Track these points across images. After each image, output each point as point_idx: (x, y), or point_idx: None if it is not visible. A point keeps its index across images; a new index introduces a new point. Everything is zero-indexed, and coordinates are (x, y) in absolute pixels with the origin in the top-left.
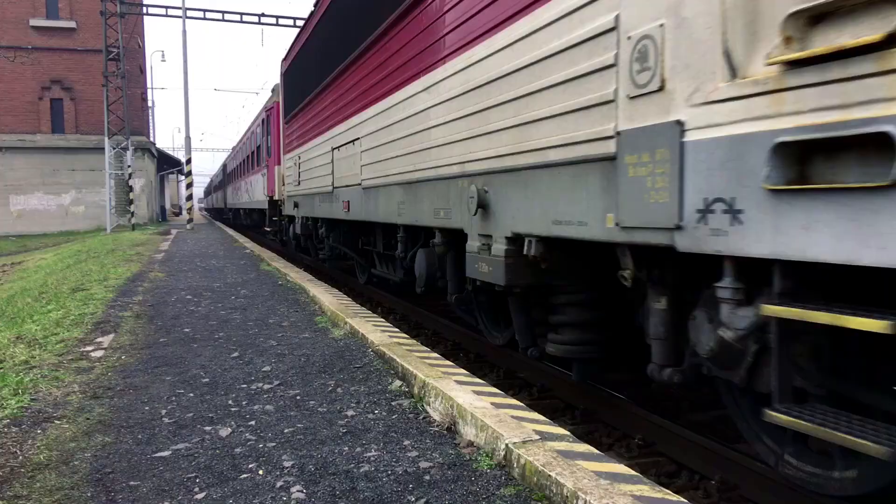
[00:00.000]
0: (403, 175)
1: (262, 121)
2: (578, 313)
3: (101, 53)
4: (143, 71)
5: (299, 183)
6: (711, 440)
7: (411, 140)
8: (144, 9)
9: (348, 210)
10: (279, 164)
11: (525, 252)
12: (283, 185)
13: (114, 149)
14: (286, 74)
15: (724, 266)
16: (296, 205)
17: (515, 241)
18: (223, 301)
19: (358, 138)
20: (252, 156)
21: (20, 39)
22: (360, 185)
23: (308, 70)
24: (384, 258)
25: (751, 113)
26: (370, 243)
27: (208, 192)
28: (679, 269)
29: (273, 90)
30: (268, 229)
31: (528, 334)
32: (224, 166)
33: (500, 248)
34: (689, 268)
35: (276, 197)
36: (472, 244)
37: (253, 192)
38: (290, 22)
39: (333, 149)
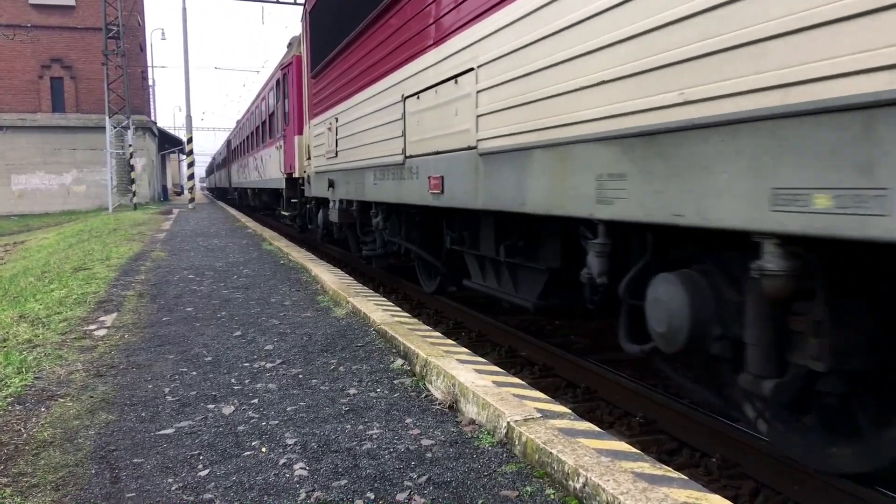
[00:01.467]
0: (623, 119)
1: (277, 82)
2: None
3: (101, 31)
4: (143, 49)
5: (336, 154)
6: (712, 418)
7: (665, 38)
8: None
9: (441, 191)
10: (300, 133)
11: None
12: (309, 158)
13: (115, 128)
14: (314, 13)
15: None
16: (331, 184)
17: None
18: (225, 280)
19: (470, 70)
20: (263, 127)
21: (19, 17)
22: (472, 148)
23: None
24: (500, 268)
25: None
26: (463, 241)
27: (210, 170)
28: None
29: (290, 44)
30: (285, 213)
31: None
32: (228, 142)
33: None
34: None
35: (296, 174)
36: None
37: (264, 169)
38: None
39: (406, 97)
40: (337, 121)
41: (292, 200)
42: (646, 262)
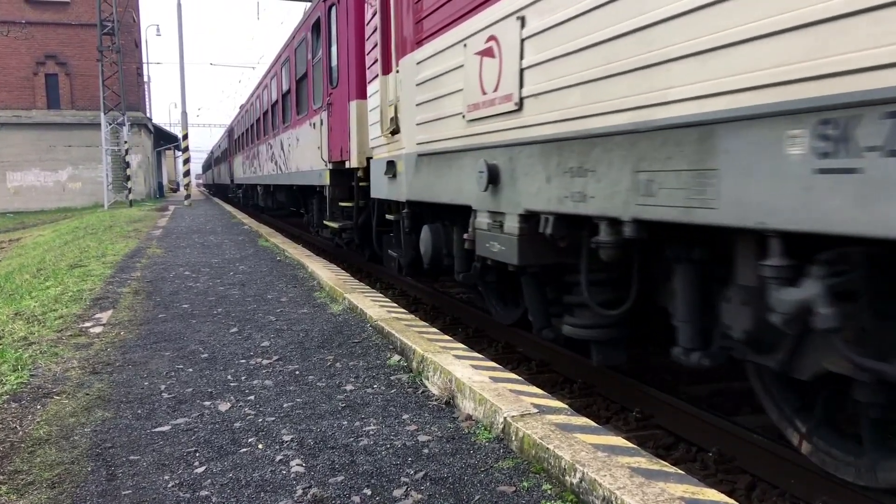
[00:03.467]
0: None
1: (313, 26)
2: None
3: (96, 27)
4: (138, 45)
5: (520, 105)
6: (709, 413)
7: None
8: None
9: None
10: (360, 97)
11: None
12: (395, 132)
13: (110, 124)
14: None
15: None
16: (493, 178)
17: None
18: (221, 277)
19: None
20: (285, 100)
21: (13, 14)
22: None
23: None
24: None
25: None
26: None
27: (208, 166)
28: None
29: None
30: (330, 224)
31: None
32: (230, 131)
33: None
34: None
35: (351, 163)
36: None
37: (286, 158)
38: None
39: None
40: (523, 24)
41: (343, 205)
42: None
